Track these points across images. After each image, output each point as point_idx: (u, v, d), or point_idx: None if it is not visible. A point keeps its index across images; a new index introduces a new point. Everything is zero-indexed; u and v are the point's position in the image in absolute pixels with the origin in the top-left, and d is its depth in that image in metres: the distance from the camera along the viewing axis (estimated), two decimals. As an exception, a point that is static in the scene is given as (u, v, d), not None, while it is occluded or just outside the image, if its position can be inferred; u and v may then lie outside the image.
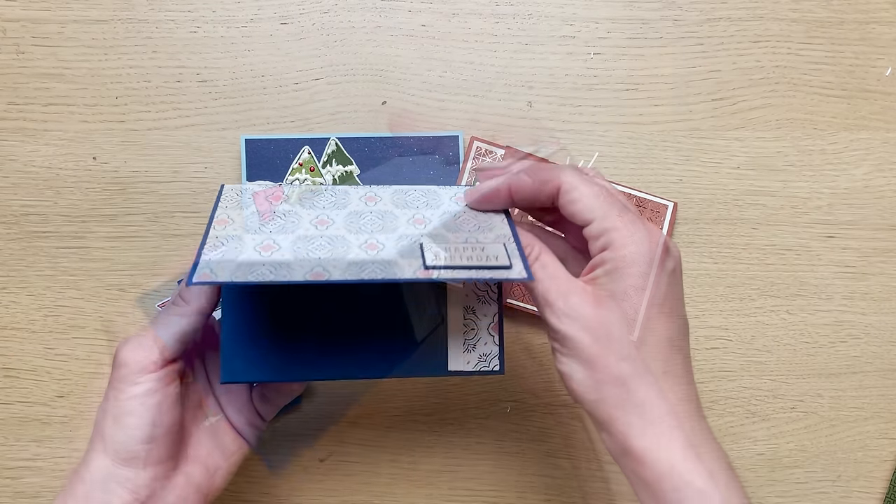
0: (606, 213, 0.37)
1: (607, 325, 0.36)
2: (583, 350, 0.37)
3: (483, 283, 0.43)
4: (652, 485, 0.36)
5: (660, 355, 0.37)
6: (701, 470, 0.36)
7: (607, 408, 0.37)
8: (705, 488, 0.36)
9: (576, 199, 0.38)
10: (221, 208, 0.41)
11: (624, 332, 0.37)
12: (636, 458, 0.36)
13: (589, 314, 0.37)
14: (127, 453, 0.39)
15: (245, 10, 0.54)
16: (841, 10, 0.55)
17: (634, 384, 0.36)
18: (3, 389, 0.52)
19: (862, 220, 0.54)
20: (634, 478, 0.37)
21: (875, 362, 0.54)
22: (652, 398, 0.36)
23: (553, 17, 0.54)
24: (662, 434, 0.36)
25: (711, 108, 0.54)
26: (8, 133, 0.53)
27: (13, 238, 0.53)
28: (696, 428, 0.37)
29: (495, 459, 0.53)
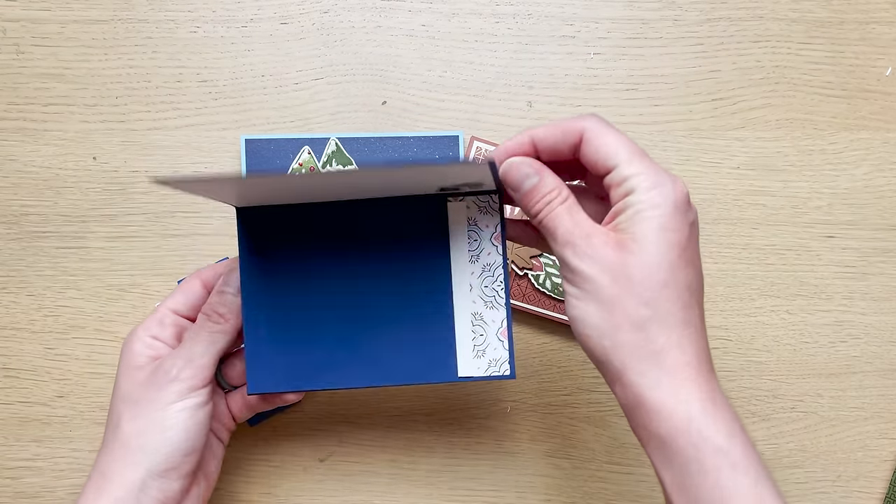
0: (630, 159, 0.36)
1: (629, 268, 0.35)
2: (602, 290, 0.35)
3: (490, 288, 0.43)
4: (667, 441, 0.34)
5: (680, 303, 0.35)
6: (720, 426, 0.34)
7: (622, 355, 0.35)
8: (725, 447, 0.34)
9: (600, 145, 0.37)
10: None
11: (645, 276, 0.35)
12: (650, 411, 0.35)
13: (611, 256, 0.35)
14: (167, 464, 0.40)
15: (245, 10, 0.54)
16: (841, 10, 0.55)
17: (653, 331, 0.35)
18: (3, 389, 0.52)
19: (862, 220, 0.54)
20: (646, 434, 0.35)
21: (875, 362, 0.54)
22: (671, 347, 0.35)
23: (553, 17, 0.54)
24: (681, 385, 0.35)
25: (711, 108, 0.54)
26: (8, 133, 0.53)
27: (13, 238, 0.53)
28: (712, 383, 0.35)
29: (495, 459, 0.53)
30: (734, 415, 0.35)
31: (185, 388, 0.41)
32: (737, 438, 0.34)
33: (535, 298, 0.52)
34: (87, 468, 0.52)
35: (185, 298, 0.44)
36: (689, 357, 0.35)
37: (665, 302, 0.35)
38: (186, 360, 0.41)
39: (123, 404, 0.41)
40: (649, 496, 0.53)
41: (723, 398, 0.35)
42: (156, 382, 0.41)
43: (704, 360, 0.36)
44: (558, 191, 0.38)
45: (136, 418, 0.40)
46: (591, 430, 0.53)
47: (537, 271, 0.52)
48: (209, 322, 0.42)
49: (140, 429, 0.40)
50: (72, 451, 0.52)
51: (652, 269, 0.35)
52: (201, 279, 0.45)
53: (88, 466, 0.52)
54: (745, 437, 0.35)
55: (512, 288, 0.52)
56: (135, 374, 0.42)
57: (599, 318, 0.36)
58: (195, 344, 0.42)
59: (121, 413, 0.41)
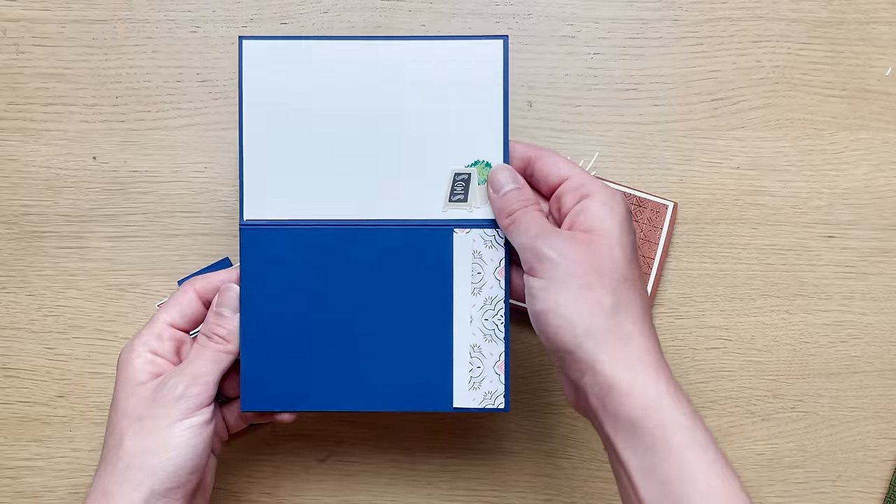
0: (581, 172, 0.42)
1: (598, 259, 0.39)
2: (573, 279, 0.38)
3: (490, 321, 0.44)
4: (637, 423, 0.36)
5: (638, 294, 0.40)
6: (685, 408, 0.37)
7: (594, 342, 0.38)
8: (690, 426, 0.36)
9: (552, 162, 0.43)
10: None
11: (612, 268, 0.39)
12: (624, 393, 0.37)
13: (581, 247, 0.39)
14: (172, 483, 0.40)
15: (245, 10, 0.54)
16: (841, 10, 0.55)
17: (622, 317, 0.38)
18: (3, 389, 0.52)
19: (862, 220, 0.54)
20: (615, 421, 0.37)
21: (875, 362, 0.54)
22: (637, 334, 0.38)
23: (553, 17, 0.54)
24: (649, 367, 0.38)
25: (711, 108, 0.54)
26: (8, 133, 0.53)
27: (13, 238, 0.53)
28: (669, 370, 0.39)
29: (495, 459, 0.53)
30: (690, 400, 0.39)
31: (190, 406, 0.41)
32: (698, 420, 0.37)
33: (535, 298, 0.52)
34: (88, 468, 0.52)
35: (181, 310, 0.44)
36: (651, 344, 0.39)
37: (628, 292, 0.39)
38: (192, 377, 0.41)
39: (126, 421, 0.40)
40: (649, 496, 0.53)
41: (678, 384, 0.39)
42: (160, 400, 0.40)
43: (660, 350, 0.39)
44: (535, 200, 0.43)
45: (141, 436, 0.40)
46: (591, 430, 0.53)
47: (537, 271, 0.52)
48: (213, 344, 0.43)
49: (145, 447, 0.40)
50: (72, 451, 0.52)
51: (618, 262, 0.39)
52: (196, 289, 0.44)
53: (88, 466, 0.52)
54: (702, 419, 0.38)
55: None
56: (137, 390, 0.41)
57: (572, 306, 0.38)
58: (200, 362, 0.42)
59: (123, 430, 0.40)
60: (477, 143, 0.44)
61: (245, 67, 0.43)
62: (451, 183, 0.44)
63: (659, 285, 0.53)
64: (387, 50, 0.43)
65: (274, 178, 0.44)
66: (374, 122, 0.44)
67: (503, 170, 0.43)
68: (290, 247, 0.44)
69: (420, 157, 0.44)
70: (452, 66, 0.44)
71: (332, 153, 0.44)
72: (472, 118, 0.44)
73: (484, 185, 0.44)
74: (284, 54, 0.43)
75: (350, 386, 0.44)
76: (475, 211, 0.44)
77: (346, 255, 0.44)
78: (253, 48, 0.43)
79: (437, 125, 0.44)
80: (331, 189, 0.44)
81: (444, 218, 0.44)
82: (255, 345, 0.43)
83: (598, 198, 0.41)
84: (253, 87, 0.44)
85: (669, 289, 0.54)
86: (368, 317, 0.44)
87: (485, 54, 0.44)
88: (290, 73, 0.43)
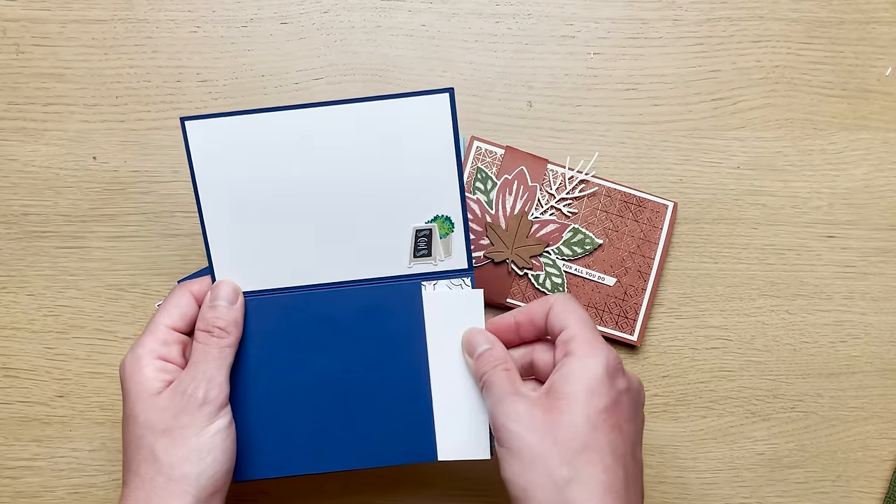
0: (578, 327, 0.40)
1: (554, 428, 0.37)
2: (525, 450, 0.38)
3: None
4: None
5: (601, 465, 0.37)
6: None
7: None
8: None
9: (559, 311, 0.42)
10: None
11: (569, 436, 0.37)
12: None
13: (538, 416, 0.38)
14: (213, 488, 0.40)
15: (245, 10, 0.54)
16: (841, 10, 0.55)
17: (573, 493, 0.36)
18: (3, 389, 0.52)
19: (862, 220, 0.54)
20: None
21: (875, 362, 0.54)
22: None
23: (553, 17, 0.54)
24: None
25: (711, 108, 0.54)
26: (8, 133, 0.53)
27: (13, 238, 0.53)
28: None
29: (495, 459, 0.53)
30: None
31: (213, 409, 0.40)
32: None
33: (535, 298, 0.52)
34: (87, 468, 0.52)
35: (179, 312, 0.43)
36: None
37: (586, 464, 0.37)
38: (207, 380, 0.41)
39: (152, 434, 0.40)
40: (649, 496, 0.53)
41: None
42: (185, 408, 0.40)
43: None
44: (504, 359, 0.42)
45: (174, 448, 0.39)
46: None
47: (537, 271, 0.52)
48: (213, 338, 0.42)
49: (181, 457, 0.39)
50: (72, 450, 0.52)
51: (576, 430, 0.37)
52: (192, 291, 0.44)
53: (88, 466, 0.52)
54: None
55: (511, 288, 0.52)
56: (155, 401, 0.40)
57: (523, 478, 0.37)
58: (208, 362, 0.41)
59: (153, 444, 0.40)
60: (434, 197, 0.44)
61: (192, 148, 0.42)
62: (413, 239, 0.44)
63: (659, 285, 0.53)
64: (332, 115, 0.42)
65: (240, 252, 0.44)
66: (331, 187, 0.43)
67: (476, 333, 0.43)
68: (263, 316, 0.44)
69: (380, 216, 0.44)
70: (400, 123, 0.43)
71: (293, 221, 0.43)
72: (426, 173, 0.43)
73: (447, 238, 0.44)
74: (230, 130, 0.42)
75: (336, 446, 0.44)
76: (440, 264, 0.44)
77: (319, 319, 0.44)
78: (197, 128, 0.42)
79: (392, 184, 0.43)
80: (297, 256, 0.44)
81: (411, 272, 0.44)
82: (238, 415, 0.43)
83: (575, 357, 0.39)
84: (204, 167, 0.43)
85: (669, 289, 0.54)
86: (349, 377, 0.44)
87: (431, 109, 0.43)
88: (239, 147, 0.42)
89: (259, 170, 0.43)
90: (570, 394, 0.38)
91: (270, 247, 0.44)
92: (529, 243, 0.52)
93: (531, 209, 0.52)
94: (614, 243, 0.52)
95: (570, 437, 0.37)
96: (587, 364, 0.39)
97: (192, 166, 0.43)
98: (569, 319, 0.41)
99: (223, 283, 0.44)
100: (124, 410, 0.42)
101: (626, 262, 0.52)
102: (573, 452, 0.37)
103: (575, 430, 0.37)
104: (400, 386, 0.44)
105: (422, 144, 0.43)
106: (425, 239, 0.44)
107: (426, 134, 0.43)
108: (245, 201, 0.43)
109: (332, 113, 0.42)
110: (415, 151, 0.43)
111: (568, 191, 0.52)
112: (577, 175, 0.52)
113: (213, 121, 0.42)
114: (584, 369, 0.39)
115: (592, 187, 0.53)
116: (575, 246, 0.52)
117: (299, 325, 0.44)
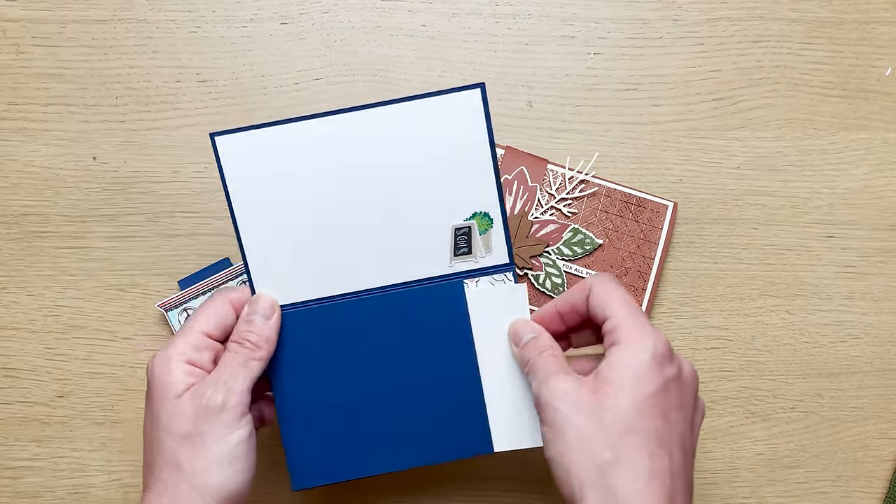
0: (623, 313, 0.40)
1: (600, 411, 0.37)
2: (571, 430, 0.37)
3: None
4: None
5: (646, 451, 0.37)
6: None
7: (587, 498, 0.36)
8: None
9: (600, 293, 0.41)
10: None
11: (614, 420, 0.37)
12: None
13: (585, 397, 0.38)
14: (237, 497, 0.40)
15: (245, 10, 0.54)
16: (841, 10, 0.55)
17: (617, 477, 0.36)
18: (3, 389, 0.52)
19: (862, 220, 0.54)
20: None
21: (875, 362, 0.54)
22: (631, 496, 0.36)
23: (553, 17, 0.54)
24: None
25: (711, 108, 0.54)
26: (8, 133, 0.53)
27: (13, 238, 0.53)
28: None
29: (495, 459, 0.53)
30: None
31: (234, 418, 0.40)
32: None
33: (535, 298, 0.52)
34: (87, 468, 0.52)
35: (217, 320, 0.43)
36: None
37: (630, 449, 0.37)
38: (228, 387, 0.40)
39: (173, 439, 0.40)
40: (649, 496, 0.53)
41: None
42: (205, 415, 0.40)
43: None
44: (550, 346, 0.42)
45: (196, 456, 0.39)
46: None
47: (537, 271, 0.52)
48: (244, 349, 0.42)
49: (204, 466, 0.39)
50: (72, 451, 0.52)
51: (621, 414, 0.37)
52: (231, 299, 0.43)
53: (88, 466, 0.52)
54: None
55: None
56: (178, 405, 0.40)
57: (567, 458, 0.37)
58: (232, 371, 0.41)
59: (175, 450, 0.40)
60: (471, 194, 0.43)
61: (224, 164, 0.42)
62: (453, 238, 0.44)
63: (659, 285, 0.53)
64: (363, 119, 0.42)
65: (279, 265, 0.43)
66: (366, 191, 0.43)
67: (521, 323, 0.43)
68: (310, 328, 0.44)
69: (418, 218, 0.43)
70: (432, 122, 0.42)
71: (330, 229, 0.43)
72: (461, 171, 0.43)
73: (486, 235, 0.44)
74: (260, 142, 0.42)
75: (391, 447, 0.44)
76: (481, 260, 0.44)
77: (364, 325, 0.44)
78: (227, 143, 0.42)
79: (428, 184, 0.43)
80: (337, 264, 0.44)
81: (452, 271, 0.44)
82: (292, 424, 0.44)
83: (623, 345, 0.39)
84: (237, 182, 0.42)
85: (669, 289, 0.54)
86: (398, 379, 0.44)
87: (463, 105, 0.42)
88: (270, 159, 0.42)
89: (292, 179, 0.43)
90: (616, 380, 0.38)
91: (309, 256, 0.43)
92: (529, 243, 0.52)
93: (531, 209, 0.52)
94: (614, 243, 0.52)
95: (614, 420, 0.37)
96: (634, 351, 0.38)
97: (224, 181, 0.42)
98: (611, 305, 0.40)
99: (261, 298, 0.43)
100: (147, 411, 0.42)
101: (626, 263, 0.52)
102: (617, 436, 0.37)
103: (620, 413, 0.37)
104: (450, 383, 0.44)
105: (456, 142, 0.43)
106: (465, 237, 0.44)
107: (460, 131, 0.43)
108: (280, 212, 0.43)
109: (362, 118, 0.42)
110: (449, 149, 0.43)
111: (568, 191, 0.52)
112: (577, 175, 0.52)
113: (242, 134, 0.42)
114: (630, 357, 0.38)
115: (592, 187, 0.53)
116: (575, 246, 0.52)
117: (344, 333, 0.44)
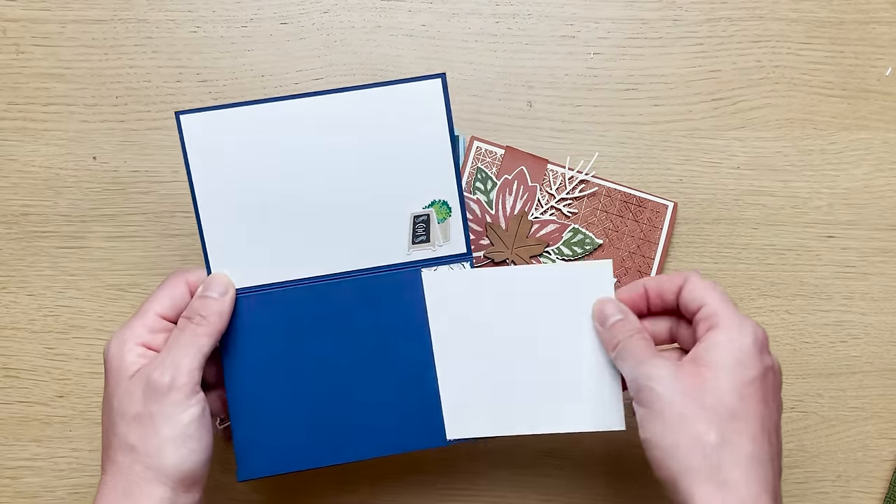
0: (719, 301, 0.40)
1: (701, 392, 0.37)
2: (670, 409, 0.37)
3: None
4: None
5: (748, 435, 0.37)
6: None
7: (690, 480, 0.37)
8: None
9: (695, 288, 0.41)
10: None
11: (716, 402, 0.37)
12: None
13: (684, 378, 0.38)
14: (192, 479, 0.40)
15: (245, 10, 0.54)
16: (841, 10, 0.55)
17: (722, 459, 0.36)
18: (3, 389, 0.52)
19: (862, 220, 0.54)
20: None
21: (875, 362, 0.54)
22: (739, 478, 0.36)
23: (553, 17, 0.54)
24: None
25: (711, 108, 0.54)
26: (8, 133, 0.53)
27: (13, 238, 0.53)
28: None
29: (495, 459, 0.53)
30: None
31: (182, 397, 0.39)
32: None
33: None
34: (88, 468, 0.52)
35: (172, 302, 0.42)
36: (757, 490, 0.36)
37: (734, 433, 0.37)
38: (176, 366, 0.40)
39: (125, 422, 0.39)
40: (649, 496, 0.53)
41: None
42: (153, 395, 0.39)
43: (772, 499, 0.37)
44: (639, 328, 0.42)
45: (149, 436, 0.39)
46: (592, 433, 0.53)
47: (537, 271, 0.52)
48: (192, 324, 0.41)
49: (157, 446, 0.39)
50: (72, 451, 0.52)
51: (723, 397, 0.37)
52: (187, 281, 0.43)
53: (88, 466, 0.52)
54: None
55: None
56: (129, 386, 0.40)
57: (670, 438, 0.37)
58: (180, 348, 0.40)
59: (126, 432, 0.39)
60: (430, 182, 0.44)
61: (187, 141, 0.42)
62: (411, 226, 0.44)
63: (659, 285, 0.53)
64: (326, 104, 0.42)
65: (237, 246, 0.43)
66: (327, 176, 0.43)
67: (607, 302, 0.43)
68: (263, 312, 0.44)
69: (377, 204, 0.44)
70: (394, 110, 0.43)
71: (290, 214, 0.43)
72: (421, 159, 0.43)
73: (445, 223, 0.44)
74: (225, 123, 0.42)
75: (343, 438, 0.44)
76: (439, 249, 0.44)
77: (319, 311, 0.44)
78: (192, 122, 0.42)
79: (387, 171, 0.43)
80: (295, 250, 0.44)
81: (409, 260, 0.44)
82: (243, 412, 0.43)
83: (722, 329, 0.39)
84: (199, 160, 0.43)
85: (669, 289, 0.54)
86: (352, 367, 0.44)
87: (424, 94, 0.43)
88: (234, 140, 0.43)
89: (254, 162, 0.43)
90: (716, 363, 0.38)
91: (268, 240, 0.44)
92: (529, 243, 0.52)
93: (531, 209, 0.52)
94: (614, 243, 0.52)
95: (717, 402, 0.37)
96: (734, 335, 0.39)
97: (186, 160, 0.43)
98: (708, 296, 0.41)
99: (216, 276, 0.43)
100: (104, 395, 0.41)
101: (626, 263, 0.52)
102: (721, 418, 0.37)
103: (722, 396, 0.37)
104: (406, 373, 0.44)
105: (416, 130, 0.43)
106: (423, 224, 0.44)
107: (420, 119, 0.43)
108: (241, 195, 0.43)
109: (325, 102, 0.43)
110: (410, 137, 0.43)
111: (568, 191, 0.52)
112: (577, 175, 0.52)
113: (207, 114, 0.42)
114: (731, 340, 0.38)
115: (592, 187, 0.53)
116: (575, 246, 0.52)
117: (301, 318, 0.44)
